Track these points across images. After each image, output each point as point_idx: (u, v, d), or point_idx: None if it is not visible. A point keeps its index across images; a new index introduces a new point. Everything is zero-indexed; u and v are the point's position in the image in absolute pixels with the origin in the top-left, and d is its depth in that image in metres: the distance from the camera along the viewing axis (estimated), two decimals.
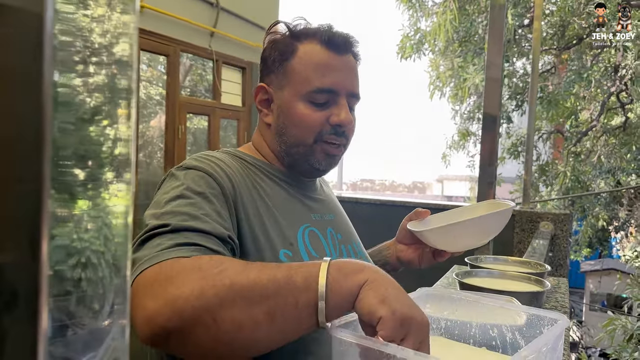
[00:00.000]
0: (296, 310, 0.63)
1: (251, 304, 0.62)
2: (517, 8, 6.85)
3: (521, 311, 0.78)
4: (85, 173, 0.24)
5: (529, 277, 1.20)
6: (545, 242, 2.83)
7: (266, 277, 0.63)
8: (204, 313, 0.61)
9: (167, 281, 0.63)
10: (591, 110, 8.04)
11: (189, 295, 0.61)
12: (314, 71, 0.95)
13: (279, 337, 0.66)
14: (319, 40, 0.97)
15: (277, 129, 1.00)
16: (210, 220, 0.77)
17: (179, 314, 0.60)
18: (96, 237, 0.25)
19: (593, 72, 7.31)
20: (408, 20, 7.87)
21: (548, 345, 0.65)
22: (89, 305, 0.24)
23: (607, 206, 8.32)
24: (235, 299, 0.62)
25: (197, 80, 5.14)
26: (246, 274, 0.64)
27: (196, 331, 0.61)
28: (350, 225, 1.16)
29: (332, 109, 0.96)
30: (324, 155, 0.99)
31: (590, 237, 9.07)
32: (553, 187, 8.14)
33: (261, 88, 1.01)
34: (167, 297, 0.61)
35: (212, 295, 0.61)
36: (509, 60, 7.60)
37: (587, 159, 8.05)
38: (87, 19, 0.23)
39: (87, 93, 0.24)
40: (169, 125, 4.15)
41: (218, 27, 4.45)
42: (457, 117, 8.71)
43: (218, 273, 0.63)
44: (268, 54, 1.01)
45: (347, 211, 1.21)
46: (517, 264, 1.39)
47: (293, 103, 0.96)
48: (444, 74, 7.86)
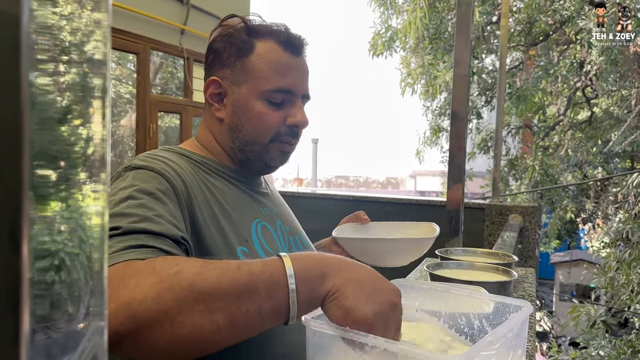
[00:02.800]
0: (259, 316, 0.62)
1: (211, 310, 0.60)
2: (485, 5, 6.97)
3: (488, 299, 0.81)
4: (59, 173, 0.24)
5: (497, 267, 1.23)
6: (514, 234, 2.90)
7: (227, 282, 0.62)
8: (162, 316, 0.58)
9: (120, 284, 0.60)
10: (558, 105, 8.25)
11: (144, 298, 0.58)
12: (274, 70, 0.96)
13: (240, 338, 0.65)
14: (277, 40, 0.97)
15: (231, 125, 0.99)
16: (163, 221, 0.75)
17: (132, 317, 0.58)
18: (70, 238, 0.24)
19: (559, 68, 7.49)
20: (379, 17, 7.93)
21: (513, 331, 0.68)
22: (64, 308, 0.24)
23: (575, 199, 8.55)
24: (194, 302, 0.60)
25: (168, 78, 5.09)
26: (205, 276, 0.61)
27: (152, 334, 0.58)
28: (294, 217, 1.18)
29: (289, 110, 0.98)
30: (278, 153, 1.00)
31: (559, 229, 9.31)
32: (522, 180, 8.33)
33: (213, 81, 0.99)
34: (120, 301, 0.58)
35: (170, 299, 0.59)
36: (478, 57, 7.73)
37: (555, 152, 8.26)
38: (57, 17, 0.23)
39: (59, 92, 0.24)
40: (140, 124, 4.09)
41: (189, 24, 4.41)
42: (428, 114, 8.82)
43: (174, 274, 0.61)
44: (222, 47, 0.99)
45: (321, 207, 1.24)
46: (486, 255, 1.43)
47: (251, 100, 0.96)
48: (414, 71, 7.95)
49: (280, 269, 0.64)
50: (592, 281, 5.63)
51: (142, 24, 3.94)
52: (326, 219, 1.21)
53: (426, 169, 16.98)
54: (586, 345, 5.53)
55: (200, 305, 0.60)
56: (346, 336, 0.61)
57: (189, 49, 4.45)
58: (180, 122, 4.60)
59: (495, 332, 0.62)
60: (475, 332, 0.80)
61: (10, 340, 0.21)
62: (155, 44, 4.14)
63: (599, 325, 5.14)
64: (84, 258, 0.25)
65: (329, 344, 0.65)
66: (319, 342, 0.65)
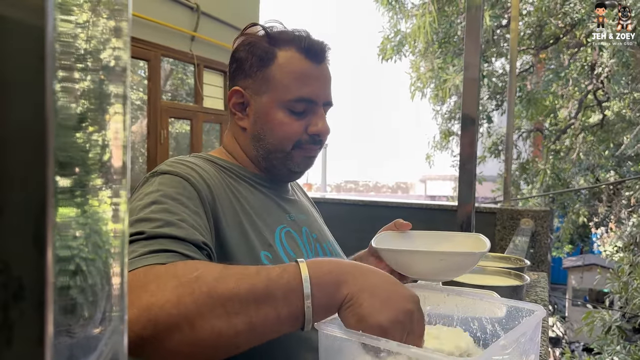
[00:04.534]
0: (277, 320, 0.64)
1: (230, 314, 0.61)
2: (495, 9, 6.95)
3: (501, 304, 0.81)
4: (74, 180, 0.24)
5: (509, 272, 1.23)
6: (526, 239, 2.88)
7: (246, 287, 0.63)
8: (182, 320, 0.60)
9: (142, 289, 0.61)
10: (569, 109, 8.19)
11: (164, 302, 0.60)
12: (295, 80, 0.96)
13: (258, 342, 0.66)
14: (298, 48, 0.98)
15: (253, 134, 1.00)
16: (186, 225, 0.76)
17: (154, 321, 0.59)
18: (85, 244, 0.25)
19: (570, 71, 7.44)
20: (388, 22, 7.93)
21: (526, 336, 0.68)
22: (80, 313, 0.24)
23: (587, 202, 8.47)
24: (214, 307, 0.61)
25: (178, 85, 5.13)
26: (224, 281, 0.63)
27: (173, 338, 0.60)
28: (323, 225, 1.17)
29: (310, 118, 0.99)
30: (302, 159, 1.01)
31: (571, 234, 9.21)
32: (534, 184, 8.26)
33: (236, 92, 1.01)
34: (142, 305, 0.59)
35: (190, 303, 0.60)
36: (488, 61, 7.70)
37: (566, 156, 8.19)
38: (74, 26, 0.24)
39: (77, 99, 0.24)
40: (151, 130, 4.13)
41: (199, 31, 4.45)
42: (438, 118, 8.79)
43: (195, 280, 0.62)
44: (244, 57, 1.00)
45: (331, 213, 1.22)
46: (498, 260, 1.42)
47: (272, 110, 0.97)
48: (424, 75, 7.94)
49: (296, 275, 0.65)
50: (606, 286, 5.56)
51: (152, 31, 3.98)
52: (335, 223, 1.19)
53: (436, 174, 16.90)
54: (600, 351, 5.47)
55: (219, 309, 0.61)
56: (359, 340, 0.61)
57: (199, 55, 4.48)
58: (191, 128, 4.63)
59: (508, 336, 0.61)
60: (487, 336, 0.80)
61: (36, 341, 0.22)
62: (166, 51, 4.17)
63: (614, 331, 5.07)
64: (100, 263, 0.25)
65: (342, 348, 0.65)
66: (331, 345, 0.65)
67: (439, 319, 0.84)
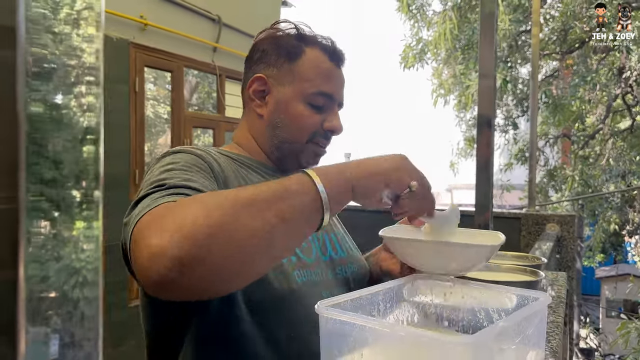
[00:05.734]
0: (302, 209, 0.68)
1: (260, 210, 0.64)
2: (517, 13, 6.88)
3: (510, 293, 0.80)
4: (83, 192, 0.24)
5: (524, 269, 1.21)
6: (550, 244, 2.82)
7: (264, 189, 0.67)
8: (216, 230, 0.60)
9: (167, 217, 0.62)
10: (597, 114, 8.01)
11: (194, 218, 0.60)
12: (319, 76, 1.02)
13: (295, 236, 0.71)
14: (323, 49, 1.04)
15: (270, 123, 1.03)
16: (205, 186, 0.79)
17: (191, 238, 0.58)
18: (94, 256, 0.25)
19: (598, 75, 7.30)
20: (410, 30, 7.94)
21: (532, 323, 0.67)
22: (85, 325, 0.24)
23: (620, 210, 8.23)
24: (242, 209, 0.63)
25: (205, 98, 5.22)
26: (244, 191, 0.68)
27: (212, 251, 0.59)
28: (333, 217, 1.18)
29: (327, 115, 1.03)
30: (312, 154, 1.05)
31: (603, 242, 8.96)
32: (562, 192, 8.09)
33: (259, 78, 1.04)
34: (172, 228, 0.59)
35: (220, 213, 0.61)
36: (513, 66, 7.61)
37: (595, 162, 8.01)
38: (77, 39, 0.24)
39: (80, 112, 0.24)
40: (175, 140, 4.21)
41: (220, 42, 4.53)
42: (462, 125, 8.72)
43: (217, 194, 0.67)
44: (270, 49, 1.04)
45: (353, 221, 1.22)
46: (515, 258, 1.40)
47: (294, 101, 1.01)
48: (446, 81, 7.90)
49: (303, 174, 0.71)
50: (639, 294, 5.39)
51: (175, 42, 4.07)
52: (358, 232, 1.19)
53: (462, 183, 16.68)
54: None
55: (249, 209, 0.63)
56: (359, 322, 0.61)
57: (221, 66, 4.56)
58: (214, 138, 4.70)
59: (508, 319, 0.61)
60: None
61: None
62: (189, 62, 4.26)
63: None
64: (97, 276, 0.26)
65: (343, 332, 0.65)
66: (332, 329, 0.65)
67: (445, 310, 0.84)
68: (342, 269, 1.05)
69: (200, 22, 4.39)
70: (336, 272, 1.02)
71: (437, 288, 0.85)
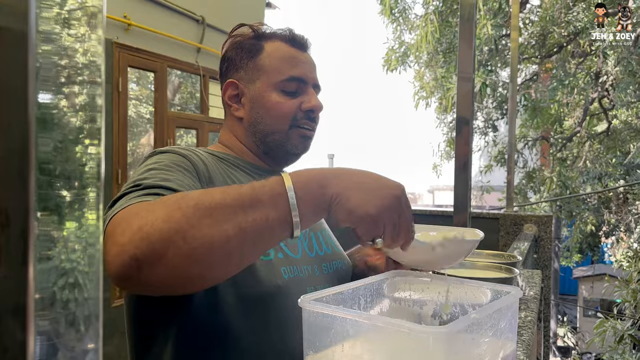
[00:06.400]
0: (267, 224, 0.66)
1: (220, 221, 0.63)
2: (497, 18, 7.00)
3: (485, 288, 0.84)
4: (72, 194, 0.25)
5: (499, 266, 1.25)
6: (528, 243, 2.89)
7: (231, 196, 0.66)
8: (174, 234, 0.61)
9: (133, 217, 0.65)
10: (574, 117, 8.18)
11: (154, 220, 0.62)
12: (284, 62, 1.04)
13: (252, 250, 0.69)
14: (283, 39, 1.06)
15: (250, 121, 1.05)
16: (182, 184, 0.80)
17: (147, 239, 0.61)
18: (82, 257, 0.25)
19: (575, 79, 7.45)
20: (392, 33, 8.01)
21: (505, 316, 0.71)
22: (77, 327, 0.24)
23: (596, 211, 8.41)
24: (202, 217, 0.63)
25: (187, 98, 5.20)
26: (210, 194, 0.66)
27: (167, 254, 0.61)
28: None
29: (303, 97, 1.04)
30: (299, 139, 1.06)
31: (580, 243, 9.14)
32: (541, 193, 8.24)
33: (231, 84, 1.06)
34: (134, 228, 0.62)
35: (180, 217, 0.62)
36: (493, 70, 7.73)
37: (573, 164, 8.17)
38: (72, 38, 0.25)
39: (71, 112, 0.25)
40: (158, 140, 4.20)
41: (204, 43, 4.53)
42: (443, 127, 8.82)
43: (181, 197, 0.66)
44: (235, 54, 1.07)
45: None
46: (491, 257, 1.44)
47: (266, 93, 1.03)
48: (428, 84, 7.99)
49: (280, 181, 0.68)
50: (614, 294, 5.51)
51: (159, 42, 4.06)
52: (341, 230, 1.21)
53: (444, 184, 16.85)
54: None
55: (208, 219, 0.63)
56: (339, 314, 0.64)
57: (205, 67, 4.56)
58: (197, 138, 4.70)
59: (480, 311, 0.64)
60: None
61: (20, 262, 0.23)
62: (172, 62, 4.25)
63: (626, 340, 5.01)
64: (94, 277, 0.26)
65: (325, 325, 0.68)
66: (314, 322, 0.68)
67: (422, 304, 0.87)
68: (328, 265, 1.07)
69: (184, 23, 4.38)
70: (322, 269, 1.05)
71: (415, 284, 0.89)
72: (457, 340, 0.61)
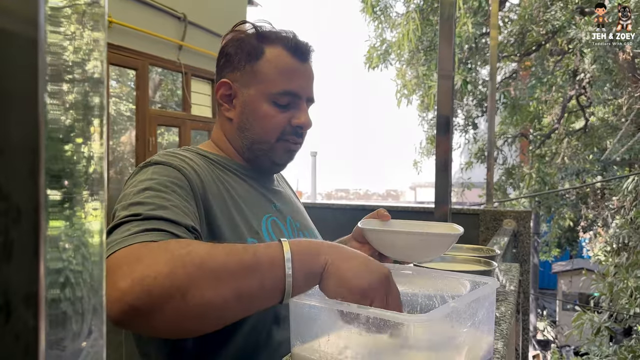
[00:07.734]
0: (262, 291, 0.69)
1: (219, 284, 0.66)
2: (477, 17, 7.09)
3: (464, 280, 0.87)
4: (62, 192, 0.24)
5: (478, 260, 1.29)
6: (507, 238, 2.95)
7: (234, 261, 0.68)
8: (174, 291, 0.63)
9: (136, 262, 0.65)
10: (552, 114, 8.33)
11: (157, 274, 0.63)
12: (281, 74, 1.02)
13: (244, 313, 0.73)
14: (285, 46, 1.04)
15: (239, 125, 1.06)
16: (178, 210, 0.81)
17: (147, 292, 0.62)
18: (74, 256, 0.25)
19: (553, 77, 7.59)
20: (374, 31, 8.05)
21: (482, 306, 0.74)
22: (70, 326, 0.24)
23: (574, 206, 8.58)
24: (204, 278, 0.65)
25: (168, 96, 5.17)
26: (214, 255, 0.68)
27: (165, 308, 0.63)
28: (306, 215, 1.24)
29: (294, 112, 1.05)
30: (284, 151, 1.07)
31: (558, 238, 9.32)
32: (520, 190, 8.37)
33: (224, 83, 1.06)
34: (136, 277, 0.63)
35: (183, 275, 0.64)
36: (473, 68, 7.83)
37: (551, 161, 8.32)
38: (61, 36, 0.24)
39: (62, 111, 0.25)
40: (140, 138, 4.17)
41: (186, 40, 4.52)
42: (424, 124, 8.90)
43: (186, 254, 0.66)
44: (233, 52, 1.05)
45: (319, 217, 1.27)
46: (470, 250, 1.48)
47: (258, 102, 1.03)
48: (409, 82, 8.06)
49: (279, 249, 0.71)
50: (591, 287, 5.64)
51: (140, 40, 4.04)
52: (323, 226, 1.25)
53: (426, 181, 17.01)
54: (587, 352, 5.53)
55: (210, 281, 0.66)
56: (326, 306, 0.67)
57: (187, 64, 4.55)
58: (179, 136, 4.68)
59: (459, 300, 0.68)
60: None
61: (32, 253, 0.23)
62: (154, 60, 4.23)
63: (603, 332, 5.13)
64: (87, 276, 0.26)
65: (312, 316, 0.71)
66: (301, 314, 0.71)
67: (404, 296, 0.91)
68: None
69: (166, 20, 4.36)
70: None
71: (397, 277, 0.92)
72: (436, 328, 0.64)
